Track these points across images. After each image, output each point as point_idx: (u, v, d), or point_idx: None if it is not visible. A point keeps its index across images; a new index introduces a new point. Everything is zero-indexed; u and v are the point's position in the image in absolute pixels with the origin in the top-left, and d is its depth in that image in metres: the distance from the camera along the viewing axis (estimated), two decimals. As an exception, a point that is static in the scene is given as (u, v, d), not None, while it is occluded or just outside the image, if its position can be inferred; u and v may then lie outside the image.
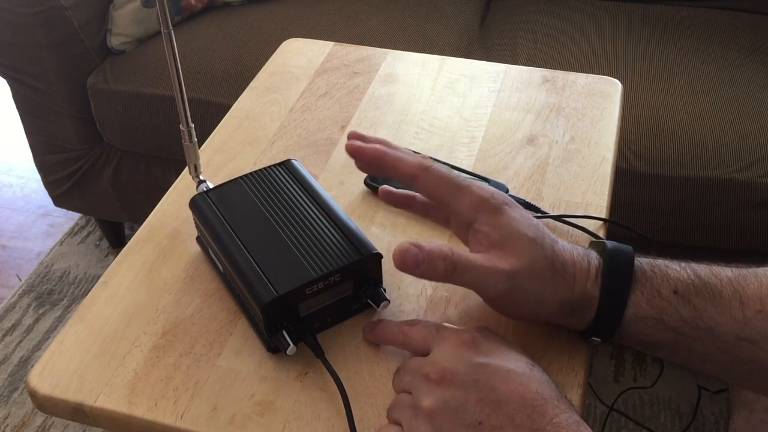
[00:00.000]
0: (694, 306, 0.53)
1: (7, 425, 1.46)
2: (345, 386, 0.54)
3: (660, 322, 0.53)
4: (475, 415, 0.47)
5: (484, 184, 0.57)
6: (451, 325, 0.55)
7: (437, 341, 0.52)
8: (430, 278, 0.54)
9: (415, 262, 0.52)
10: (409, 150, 0.60)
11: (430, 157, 0.60)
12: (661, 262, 0.55)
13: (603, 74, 0.88)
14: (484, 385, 0.48)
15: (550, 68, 0.90)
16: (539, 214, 0.69)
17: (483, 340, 0.52)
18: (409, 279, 0.64)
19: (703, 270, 0.55)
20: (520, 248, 0.53)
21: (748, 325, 0.52)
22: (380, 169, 0.58)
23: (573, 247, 0.56)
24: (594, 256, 0.56)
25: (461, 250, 0.54)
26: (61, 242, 1.86)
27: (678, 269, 0.55)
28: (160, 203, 0.71)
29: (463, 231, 0.57)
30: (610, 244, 0.56)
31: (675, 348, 0.54)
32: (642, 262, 0.55)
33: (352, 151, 0.59)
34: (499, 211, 0.55)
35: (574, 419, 0.47)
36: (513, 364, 0.50)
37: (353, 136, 0.60)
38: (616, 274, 0.54)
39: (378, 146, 0.58)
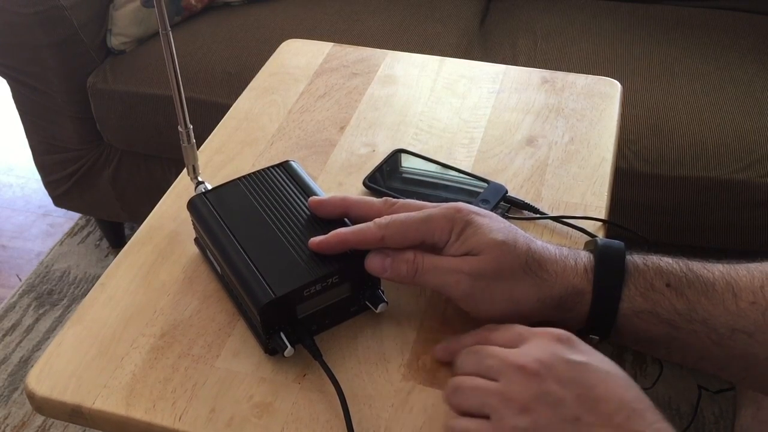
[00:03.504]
0: (688, 298, 0.53)
1: (7, 425, 1.46)
2: (343, 388, 0.53)
3: (655, 315, 0.54)
4: (573, 410, 0.46)
5: (448, 204, 0.57)
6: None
7: (529, 337, 0.51)
8: (397, 281, 0.56)
9: (381, 268, 0.57)
10: (366, 193, 0.63)
11: (387, 197, 0.60)
12: (653, 257, 0.56)
13: (603, 74, 0.88)
14: (582, 382, 0.47)
15: (550, 68, 0.90)
16: (539, 215, 0.69)
17: (578, 340, 0.51)
18: (407, 280, 0.63)
19: (695, 264, 0.55)
20: (487, 252, 0.54)
21: (743, 317, 0.53)
22: (347, 248, 0.58)
23: (556, 247, 0.57)
24: (583, 254, 0.56)
25: (427, 254, 0.56)
26: (61, 242, 1.86)
27: (670, 262, 0.55)
28: (158, 204, 0.71)
29: None
30: (601, 240, 0.57)
31: (671, 344, 0.54)
32: (634, 256, 0.56)
33: (316, 248, 0.58)
34: (468, 224, 0.56)
35: (672, 430, 0.46)
36: (610, 367, 0.49)
37: (313, 204, 0.61)
38: (608, 268, 0.55)
39: (338, 231, 0.58)
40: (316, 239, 0.58)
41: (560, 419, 0.46)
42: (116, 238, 1.82)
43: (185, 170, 0.69)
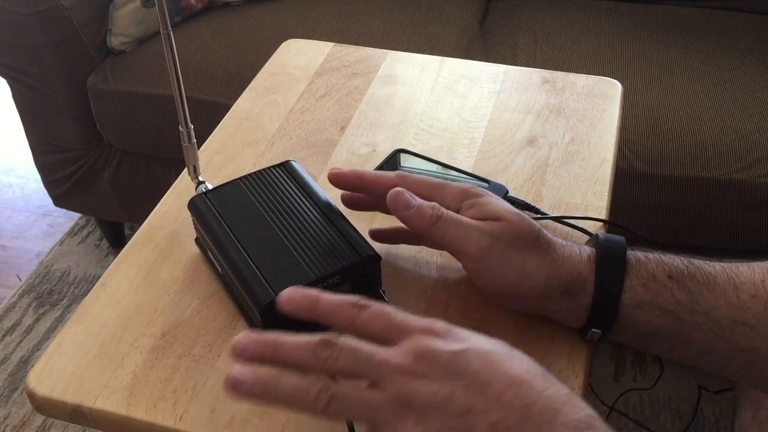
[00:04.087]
0: (689, 289, 0.54)
1: (7, 425, 1.46)
2: (344, 388, 0.53)
3: (656, 306, 0.54)
4: (462, 402, 0.44)
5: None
6: (406, 312, 0.49)
7: (404, 332, 0.48)
8: (417, 224, 0.57)
9: (406, 204, 0.57)
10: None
11: (400, 171, 0.64)
12: (654, 251, 0.56)
13: (603, 74, 0.88)
14: (467, 370, 0.45)
15: (550, 68, 0.90)
16: (539, 216, 0.69)
17: (453, 328, 0.48)
18: (408, 280, 0.63)
19: (697, 260, 0.56)
20: (506, 219, 0.56)
21: (744, 309, 0.53)
22: (362, 187, 0.62)
23: (562, 239, 0.58)
24: (586, 248, 0.57)
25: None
26: (61, 242, 1.86)
27: (672, 256, 0.56)
28: (159, 204, 0.71)
29: None
30: (602, 235, 0.58)
31: (673, 337, 0.55)
32: (636, 250, 0.56)
33: (332, 179, 0.62)
34: (481, 196, 0.58)
35: (566, 391, 0.45)
36: (491, 345, 0.47)
37: (330, 176, 0.63)
38: (610, 259, 0.55)
39: (357, 169, 0.62)
40: (334, 171, 0.61)
41: (453, 416, 0.44)
42: (116, 238, 1.82)
43: (186, 170, 0.69)
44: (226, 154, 0.77)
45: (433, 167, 0.75)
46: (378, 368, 0.46)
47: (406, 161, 0.76)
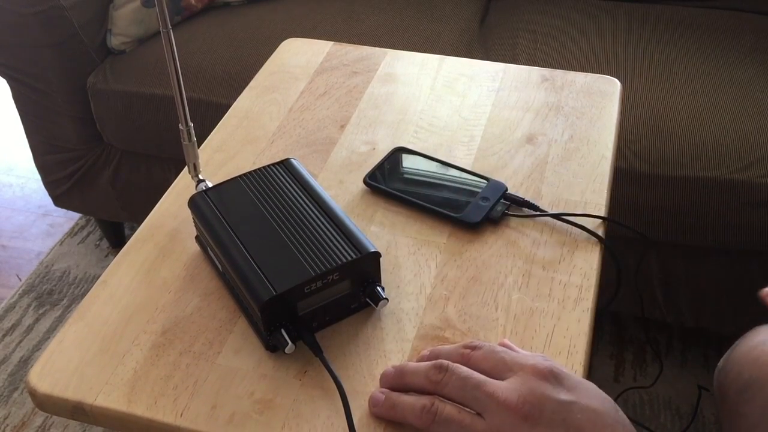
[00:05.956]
0: None
1: (7, 425, 1.46)
2: (344, 385, 0.54)
3: None
4: None
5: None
6: (518, 349, 0.52)
7: (513, 369, 0.50)
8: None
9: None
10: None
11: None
12: None
13: (603, 74, 0.88)
14: (571, 424, 0.47)
15: (550, 68, 0.90)
16: (538, 213, 0.69)
17: (564, 373, 0.50)
18: (408, 278, 0.64)
19: None
20: None
21: None
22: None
23: None
24: None
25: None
26: (61, 242, 1.86)
27: None
28: (159, 203, 0.72)
29: None
30: None
31: None
32: None
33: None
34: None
35: None
36: (599, 403, 0.49)
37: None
38: None
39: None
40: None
41: None
42: (116, 238, 1.83)
43: (186, 168, 0.69)
44: (226, 153, 0.77)
45: (433, 165, 0.75)
46: (484, 399, 0.49)
47: (406, 159, 0.76)
